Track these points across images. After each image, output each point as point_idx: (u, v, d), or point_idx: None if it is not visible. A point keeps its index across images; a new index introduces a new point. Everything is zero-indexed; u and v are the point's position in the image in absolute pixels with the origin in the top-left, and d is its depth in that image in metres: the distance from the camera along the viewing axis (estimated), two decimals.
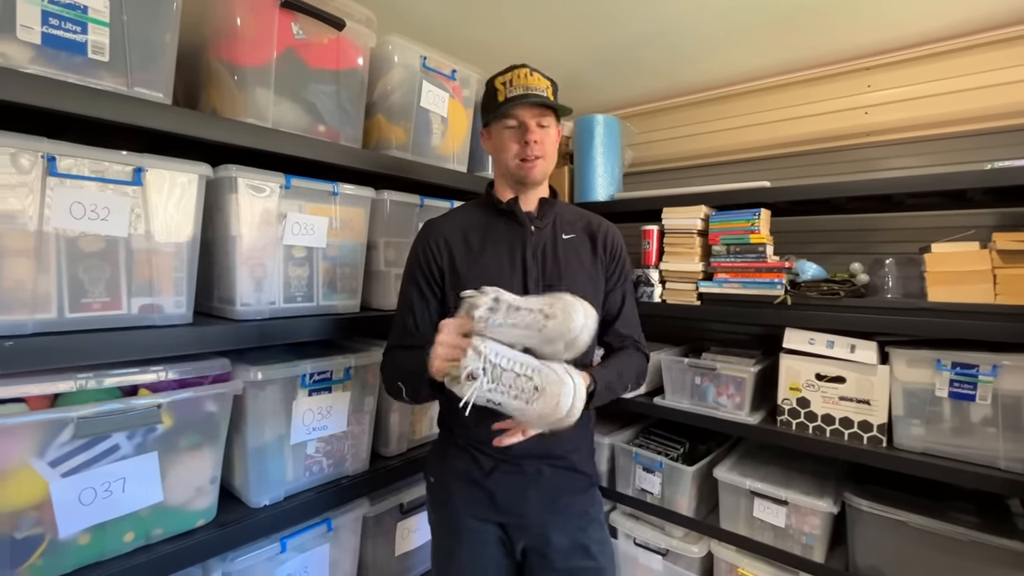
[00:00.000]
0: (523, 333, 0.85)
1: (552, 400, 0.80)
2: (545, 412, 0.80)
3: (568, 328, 0.83)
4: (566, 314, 0.83)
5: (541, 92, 1.05)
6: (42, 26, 0.84)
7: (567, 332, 0.83)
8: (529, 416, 0.82)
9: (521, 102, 1.03)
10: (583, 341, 0.85)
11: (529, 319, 0.85)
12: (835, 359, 1.46)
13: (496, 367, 0.82)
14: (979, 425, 1.28)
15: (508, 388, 0.81)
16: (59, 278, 0.87)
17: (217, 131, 1.04)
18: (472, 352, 0.82)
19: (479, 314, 0.86)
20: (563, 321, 0.83)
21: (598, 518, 1.15)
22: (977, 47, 1.59)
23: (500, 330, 0.86)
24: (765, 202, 1.62)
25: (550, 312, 0.84)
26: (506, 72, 1.08)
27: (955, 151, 1.65)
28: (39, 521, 0.84)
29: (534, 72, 1.07)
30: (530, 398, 0.80)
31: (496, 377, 0.81)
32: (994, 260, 1.26)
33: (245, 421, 1.12)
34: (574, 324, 0.83)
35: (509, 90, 1.05)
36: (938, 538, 1.30)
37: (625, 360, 1.13)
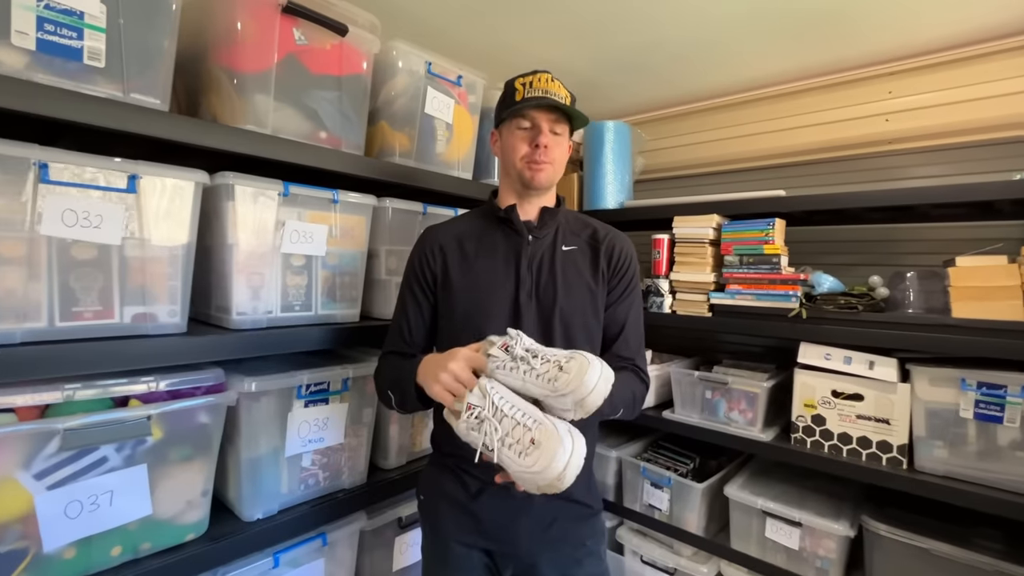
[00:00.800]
0: (535, 383, 0.82)
1: (546, 458, 0.74)
2: (535, 469, 0.74)
3: (580, 385, 0.78)
4: (581, 371, 0.79)
5: (560, 99, 1.03)
6: (37, 32, 0.83)
7: (578, 390, 0.78)
8: (518, 470, 0.76)
9: (539, 104, 1.01)
10: (592, 403, 0.79)
11: (543, 369, 0.81)
12: (853, 376, 1.40)
13: (498, 411, 0.79)
14: (1007, 449, 1.21)
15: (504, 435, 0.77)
16: (50, 286, 0.86)
17: (215, 138, 1.03)
18: (477, 389, 0.81)
19: (494, 352, 0.85)
20: (576, 377, 0.78)
21: (596, 551, 1.08)
22: (1003, 52, 1.53)
23: (511, 374, 0.83)
24: (780, 211, 1.56)
25: (565, 366, 0.80)
26: (528, 75, 1.06)
27: (981, 160, 1.58)
28: (23, 535, 0.82)
29: (556, 80, 1.05)
30: (523, 450, 0.76)
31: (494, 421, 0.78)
32: (1023, 275, 1.20)
33: (239, 433, 1.10)
34: (586, 382, 0.78)
35: (528, 91, 1.03)
36: (962, 567, 1.23)
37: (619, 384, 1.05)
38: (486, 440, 0.78)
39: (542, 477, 0.74)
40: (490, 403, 0.79)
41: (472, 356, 0.88)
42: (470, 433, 0.80)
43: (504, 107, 1.08)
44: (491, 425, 0.77)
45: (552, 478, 0.74)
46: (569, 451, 0.75)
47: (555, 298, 1.04)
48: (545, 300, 1.04)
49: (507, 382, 0.83)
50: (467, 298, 1.05)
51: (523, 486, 0.79)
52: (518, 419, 0.78)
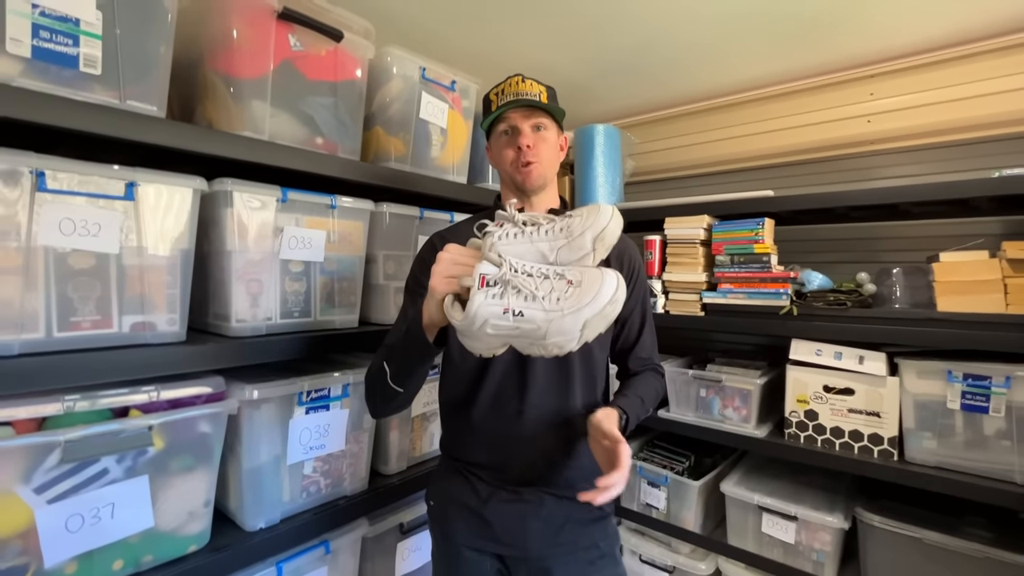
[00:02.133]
0: (545, 240, 0.75)
1: (592, 289, 0.68)
2: (585, 303, 0.67)
3: (596, 219, 0.73)
4: (591, 211, 0.76)
5: (533, 96, 1.03)
6: (32, 39, 0.82)
7: (595, 223, 0.73)
8: (560, 320, 0.68)
9: (511, 106, 1.02)
10: (613, 233, 0.76)
11: (549, 225, 0.76)
12: (843, 370, 1.43)
13: (519, 272, 0.71)
14: (993, 438, 1.25)
15: (533, 292, 0.69)
16: (47, 296, 0.84)
17: (212, 144, 1.02)
18: (486, 262, 0.72)
19: (490, 228, 0.77)
20: (589, 216, 0.75)
21: (611, 552, 1.07)
22: (981, 54, 1.58)
23: (515, 242, 0.76)
24: (769, 211, 1.60)
25: (573, 214, 0.77)
26: (501, 83, 1.07)
27: (960, 159, 1.63)
28: (24, 550, 0.81)
29: (527, 79, 1.05)
30: (562, 295, 0.69)
31: (517, 282, 0.69)
32: (1004, 269, 1.24)
33: (240, 441, 1.09)
34: (603, 214, 0.74)
35: (502, 98, 1.04)
36: (953, 555, 1.26)
37: (645, 385, 1.07)
38: (514, 305, 0.69)
39: (592, 308, 0.68)
40: (508, 266, 0.71)
41: (464, 248, 0.81)
42: (490, 306, 0.69)
43: (485, 119, 1.09)
44: (519, 283, 0.69)
45: (604, 304, 0.69)
46: (614, 276, 0.72)
47: None
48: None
49: (513, 251, 0.76)
50: None
51: (564, 344, 0.71)
52: (545, 273, 0.72)
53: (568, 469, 1.03)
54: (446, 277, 0.77)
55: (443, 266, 0.78)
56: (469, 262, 0.76)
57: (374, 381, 0.97)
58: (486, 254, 0.74)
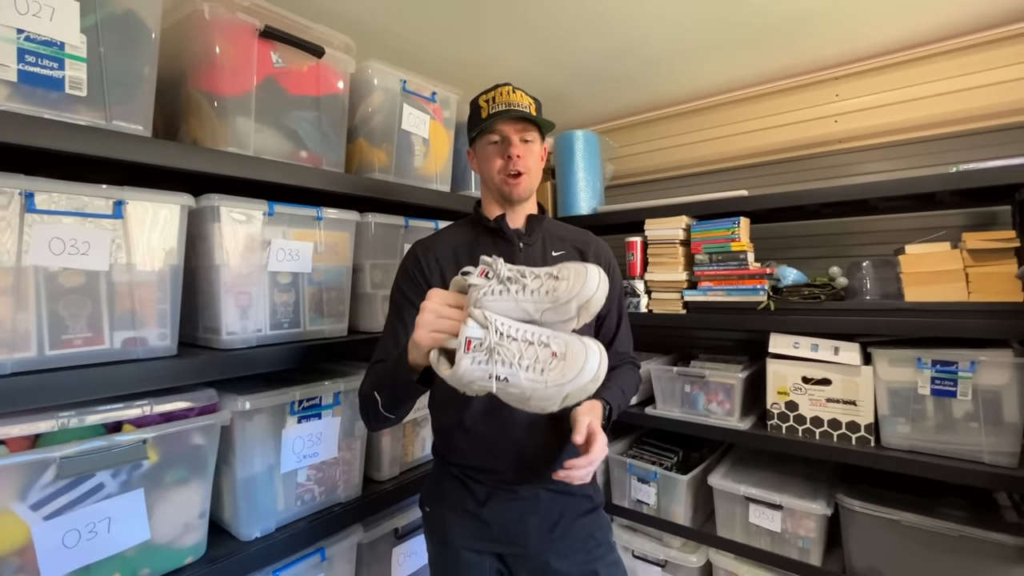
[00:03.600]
0: (530, 300, 0.75)
1: (576, 365, 0.70)
2: (567, 379, 0.69)
3: (582, 287, 0.73)
4: (578, 274, 0.74)
5: (523, 108, 1.06)
6: (18, 64, 0.83)
7: (581, 292, 0.73)
8: (543, 389, 0.70)
9: (503, 117, 1.04)
10: (597, 304, 0.75)
11: (535, 284, 0.75)
12: (820, 362, 1.48)
13: (504, 336, 0.71)
14: (962, 421, 1.31)
15: (518, 360, 0.70)
16: (39, 315, 0.85)
17: (198, 161, 1.04)
18: (473, 321, 0.71)
19: (475, 280, 0.76)
20: (576, 280, 0.74)
21: (607, 541, 1.10)
22: (938, 55, 1.66)
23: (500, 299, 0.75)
24: (744, 210, 1.65)
25: (560, 274, 0.75)
26: (490, 91, 1.09)
27: (923, 155, 1.71)
28: (21, 567, 0.81)
29: (517, 90, 1.08)
30: (545, 367, 0.70)
31: (502, 349, 0.70)
32: (965, 259, 1.31)
33: (233, 452, 1.10)
34: (589, 281, 0.74)
35: (492, 107, 1.06)
36: (930, 535, 1.31)
37: (625, 378, 1.12)
38: (498, 371, 0.70)
39: (575, 384, 0.71)
40: (494, 330, 0.71)
41: (448, 294, 0.81)
42: (475, 370, 0.71)
43: (473, 125, 1.11)
44: (504, 351, 0.70)
45: (587, 382, 0.71)
46: (597, 353, 0.73)
47: None
48: None
49: (498, 308, 0.75)
50: None
51: (543, 408, 0.74)
52: (529, 339, 0.72)
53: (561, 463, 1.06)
54: (432, 332, 0.77)
55: (428, 317, 0.77)
56: (454, 316, 0.76)
57: (367, 404, 1.00)
58: (471, 310, 0.74)
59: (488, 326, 0.71)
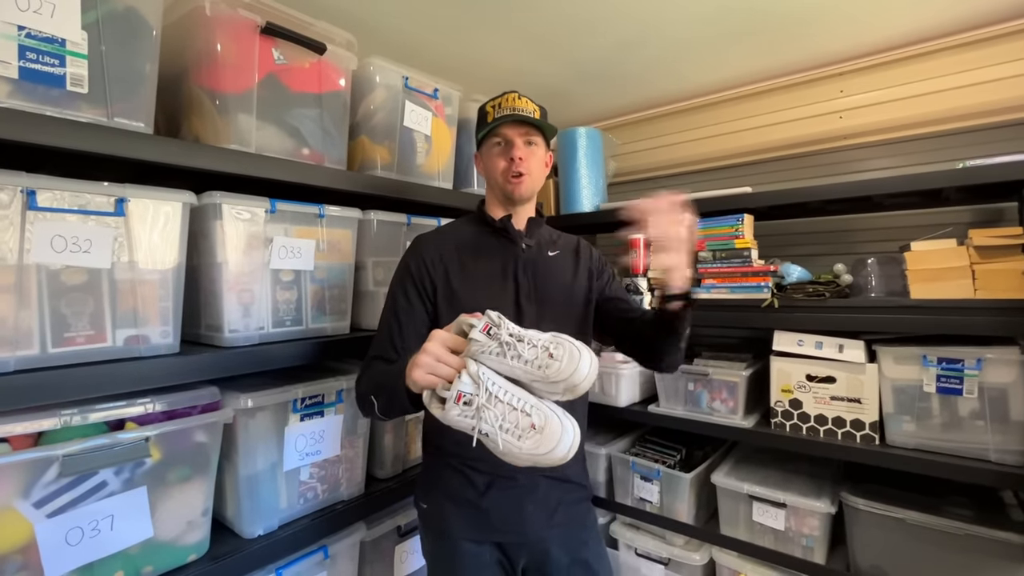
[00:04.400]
0: (522, 368, 0.80)
1: (551, 441, 0.76)
2: (540, 452, 0.76)
3: (573, 372, 0.78)
4: (572, 358, 0.79)
5: (528, 113, 1.09)
6: (19, 60, 0.83)
7: (571, 377, 0.78)
8: (517, 453, 0.77)
9: (507, 120, 1.08)
10: (583, 389, 0.80)
11: (531, 355, 0.79)
12: (824, 359, 1.47)
13: (492, 396, 0.76)
14: (968, 419, 1.30)
15: (500, 420, 0.76)
16: (41, 313, 0.85)
17: (200, 159, 1.04)
18: (467, 376, 0.77)
19: (476, 336, 0.80)
20: (568, 365, 0.78)
21: (595, 530, 1.16)
22: (945, 50, 1.64)
23: (495, 359, 0.80)
24: (747, 207, 1.64)
25: (556, 353, 0.79)
26: (497, 97, 1.13)
27: (929, 151, 1.69)
28: (24, 565, 0.81)
29: (523, 97, 1.12)
30: (522, 434, 0.76)
31: (488, 409, 0.76)
32: (972, 256, 1.29)
33: (236, 450, 1.10)
34: (580, 369, 0.78)
35: (498, 111, 1.10)
36: (935, 533, 1.30)
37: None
38: (482, 426, 0.76)
39: (546, 459, 0.76)
40: (484, 390, 0.76)
41: (452, 337, 0.85)
42: (461, 420, 0.77)
43: (480, 129, 1.16)
44: (489, 412, 0.76)
45: (558, 459, 0.76)
46: (572, 434, 0.78)
47: (554, 298, 1.12)
48: (543, 301, 1.11)
49: (491, 366, 0.81)
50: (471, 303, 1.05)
51: (514, 462, 0.79)
52: (514, 404, 0.77)
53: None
54: (428, 374, 0.80)
55: (427, 360, 0.81)
56: (451, 363, 0.80)
57: (364, 403, 1.02)
58: (468, 362, 0.79)
59: (479, 383, 0.77)
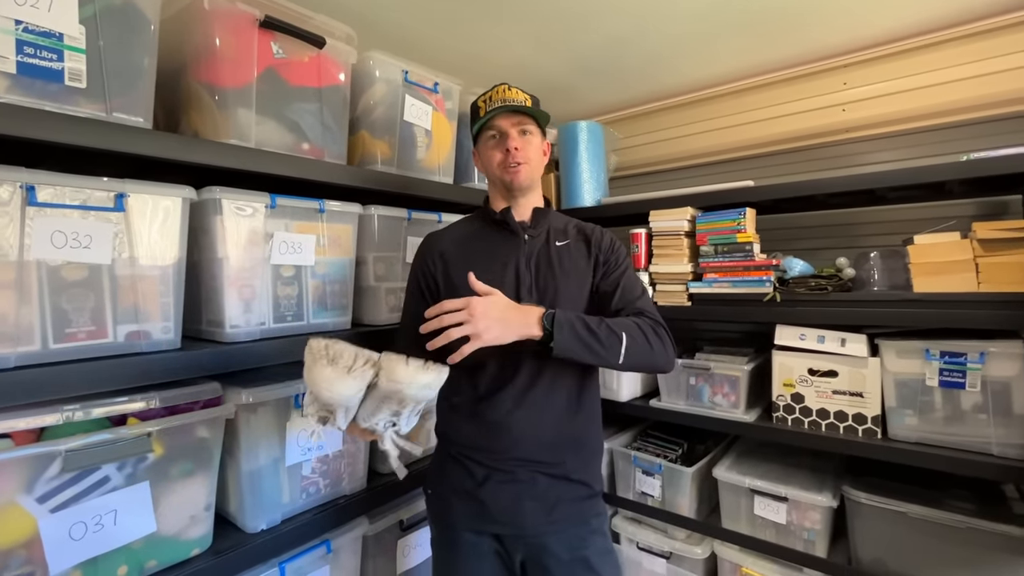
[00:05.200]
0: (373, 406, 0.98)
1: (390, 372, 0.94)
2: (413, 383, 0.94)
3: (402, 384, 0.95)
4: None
5: (519, 103, 1.09)
6: (17, 55, 0.82)
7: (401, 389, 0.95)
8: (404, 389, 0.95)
9: (499, 112, 1.08)
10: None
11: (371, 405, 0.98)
12: (826, 353, 1.47)
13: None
14: (970, 412, 1.29)
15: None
16: (42, 309, 0.85)
17: (200, 154, 1.03)
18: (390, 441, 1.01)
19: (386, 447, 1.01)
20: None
21: (600, 528, 1.13)
22: (948, 42, 1.63)
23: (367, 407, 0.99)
24: (750, 201, 1.63)
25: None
26: (487, 91, 1.13)
27: (932, 144, 1.68)
28: (28, 560, 0.82)
29: (513, 88, 1.12)
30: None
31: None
32: (975, 249, 1.29)
33: (238, 445, 1.10)
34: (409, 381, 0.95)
35: (489, 105, 1.11)
36: (937, 527, 1.31)
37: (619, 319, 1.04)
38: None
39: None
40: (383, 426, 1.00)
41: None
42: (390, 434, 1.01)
43: (473, 125, 1.16)
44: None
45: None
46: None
47: (556, 291, 1.09)
48: (544, 294, 1.09)
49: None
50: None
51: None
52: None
53: (560, 448, 1.08)
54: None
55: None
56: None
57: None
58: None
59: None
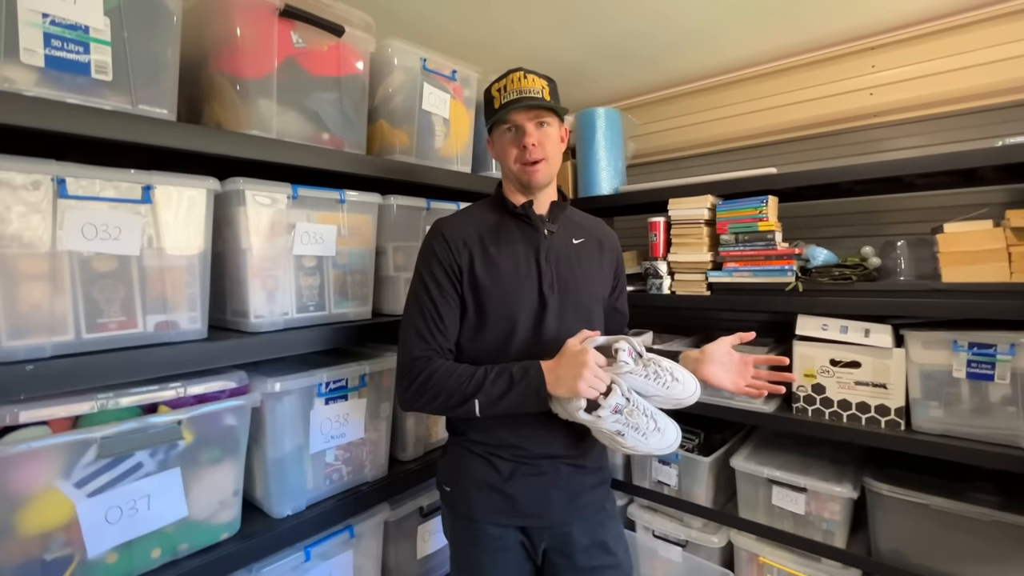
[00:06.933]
0: (654, 386, 1.02)
1: (668, 440, 1.01)
2: (659, 447, 1.00)
3: (688, 396, 1.04)
4: (686, 385, 1.04)
5: (536, 93, 1.04)
6: (44, 48, 0.83)
7: (685, 400, 1.04)
8: (639, 447, 1.00)
9: (515, 107, 1.03)
10: (687, 405, 1.05)
11: (665, 377, 1.03)
12: (849, 344, 1.45)
13: (636, 408, 0.99)
14: (998, 405, 1.27)
15: (633, 421, 0.99)
16: (74, 300, 0.87)
17: (223, 145, 1.04)
18: (620, 392, 0.98)
19: (624, 359, 1.01)
20: (685, 389, 1.03)
21: (613, 513, 1.17)
22: (981, 22, 1.57)
23: (637, 378, 1.02)
24: (772, 189, 1.60)
25: (680, 377, 1.04)
26: (501, 79, 1.08)
27: (964, 128, 1.63)
28: (68, 542, 0.85)
29: (528, 74, 1.07)
30: (648, 433, 0.99)
31: (634, 416, 0.99)
32: (1008, 238, 1.25)
33: (264, 433, 1.12)
34: (695, 395, 1.05)
35: (504, 96, 1.06)
36: (961, 519, 1.29)
37: None
38: (622, 429, 0.98)
39: (659, 451, 1.02)
40: (633, 403, 0.99)
41: (600, 357, 0.97)
42: (611, 425, 0.97)
43: (488, 116, 1.12)
44: (633, 420, 0.99)
45: (665, 449, 1.02)
46: (675, 432, 1.03)
47: (576, 287, 1.10)
48: (566, 290, 1.09)
49: (629, 380, 1.01)
50: (495, 293, 1.05)
51: (621, 451, 1.06)
52: (647, 413, 1.01)
53: (581, 440, 1.10)
54: (590, 387, 0.94)
55: (589, 374, 0.94)
56: (603, 378, 0.97)
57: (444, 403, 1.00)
58: (617, 380, 0.99)
59: (630, 400, 0.99)
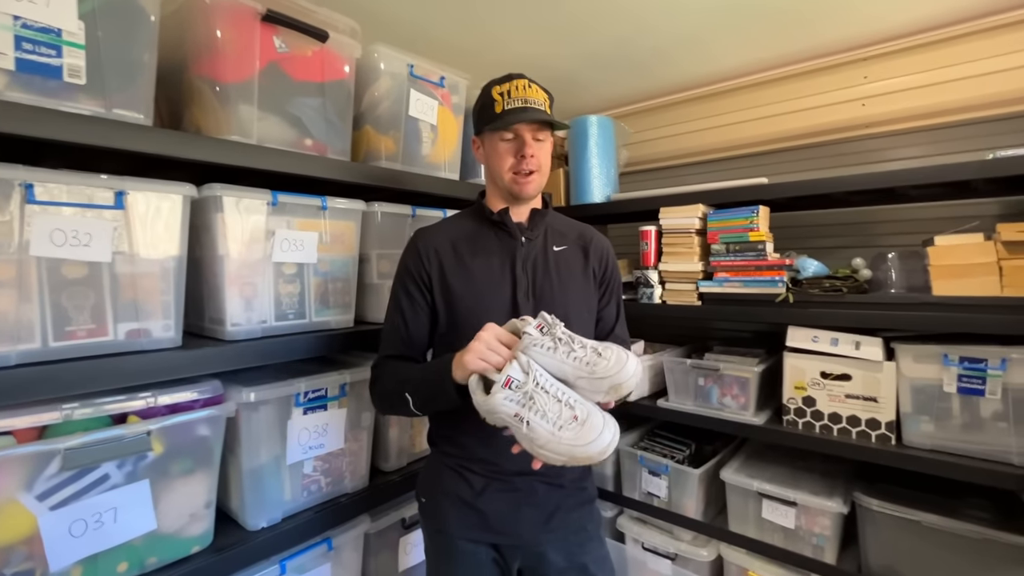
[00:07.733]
0: (571, 364, 0.84)
1: (590, 434, 0.79)
2: (578, 443, 0.78)
3: (620, 370, 0.82)
4: (619, 360, 0.83)
5: (539, 105, 1.04)
6: (15, 51, 0.82)
7: (617, 375, 0.82)
8: (555, 444, 0.79)
9: (521, 117, 1.01)
10: (627, 390, 0.84)
11: (580, 353, 0.84)
12: (840, 356, 1.43)
13: (539, 387, 0.80)
14: (990, 420, 1.25)
15: (544, 411, 0.80)
16: (42, 307, 0.85)
17: (200, 150, 1.02)
18: (518, 365, 0.81)
19: (530, 331, 0.85)
20: (616, 364, 0.83)
21: (597, 535, 1.12)
22: (975, 34, 1.56)
23: (546, 354, 0.84)
24: (763, 199, 1.59)
25: (604, 353, 0.84)
26: (504, 82, 1.06)
27: (956, 140, 1.62)
28: (29, 556, 0.82)
29: (532, 84, 1.06)
30: (564, 424, 0.79)
31: (535, 397, 0.80)
32: (999, 251, 1.24)
33: (239, 443, 1.10)
34: (627, 368, 0.82)
35: (507, 101, 1.03)
36: (952, 537, 1.27)
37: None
38: (522, 412, 0.80)
39: (583, 450, 0.78)
40: (532, 379, 0.80)
41: (501, 331, 0.88)
42: (505, 404, 0.80)
43: (484, 118, 1.07)
44: (536, 401, 0.79)
45: (595, 453, 0.78)
46: (612, 431, 0.81)
47: (553, 296, 1.07)
48: (543, 299, 1.06)
49: (541, 361, 0.84)
50: (466, 301, 1.05)
51: (546, 458, 0.80)
52: (559, 397, 0.81)
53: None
54: (479, 359, 0.84)
55: (479, 347, 0.85)
56: (502, 352, 0.85)
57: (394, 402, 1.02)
58: (518, 354, 0.83)
59: (529, 373, 0.80)
